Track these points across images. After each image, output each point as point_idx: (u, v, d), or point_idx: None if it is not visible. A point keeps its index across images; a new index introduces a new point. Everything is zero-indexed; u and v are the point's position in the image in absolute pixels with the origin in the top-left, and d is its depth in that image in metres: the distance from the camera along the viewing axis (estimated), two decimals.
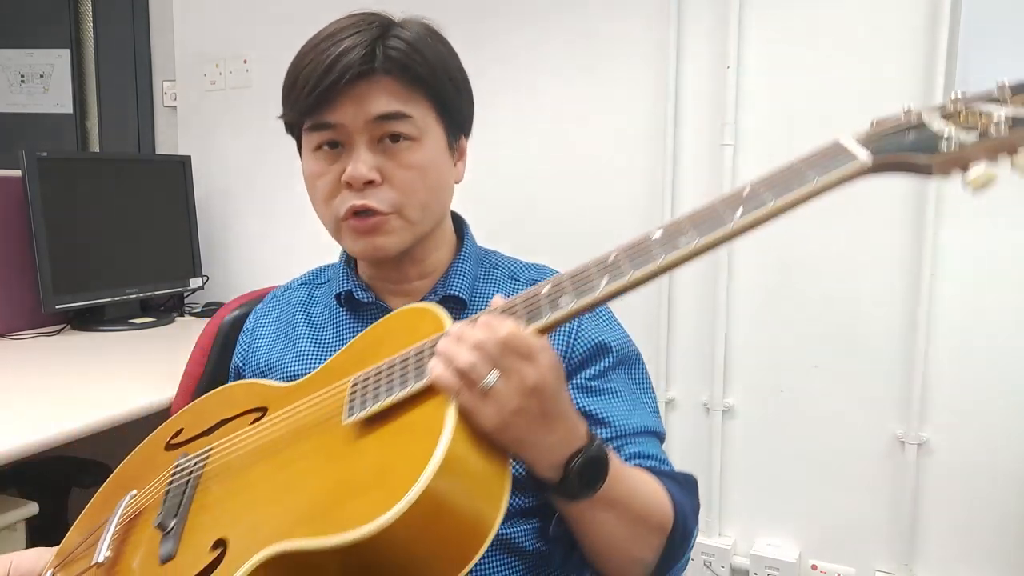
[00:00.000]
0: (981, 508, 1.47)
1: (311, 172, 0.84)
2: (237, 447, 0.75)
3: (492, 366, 0.60)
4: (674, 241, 0.60)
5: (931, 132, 0.57)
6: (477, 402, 0.60)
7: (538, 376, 0.60)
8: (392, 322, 0.77)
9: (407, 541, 0.55)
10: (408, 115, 0.80)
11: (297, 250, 2.14)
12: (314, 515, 0.60)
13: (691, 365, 1.70)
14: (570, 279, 0.64)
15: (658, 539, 0.75)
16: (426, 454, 0.57)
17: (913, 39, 1.43)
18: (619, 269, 0.61)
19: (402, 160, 0.81)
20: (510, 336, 0.60)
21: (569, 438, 0.64)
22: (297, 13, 2.04)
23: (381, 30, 0.80)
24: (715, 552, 1.68)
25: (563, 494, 0.66)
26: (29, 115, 2.47)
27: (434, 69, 0.82)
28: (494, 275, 0.91)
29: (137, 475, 0.83)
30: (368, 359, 0.72)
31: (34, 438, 1.12)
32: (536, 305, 0.63)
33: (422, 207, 0.83)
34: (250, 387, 0.87)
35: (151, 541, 0.70)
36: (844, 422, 1.56)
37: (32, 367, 1.58)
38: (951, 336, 1.46)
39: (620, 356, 0.86)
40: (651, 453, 0.82)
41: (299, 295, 0.98)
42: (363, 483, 0.60)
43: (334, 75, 0.77)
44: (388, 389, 0.65)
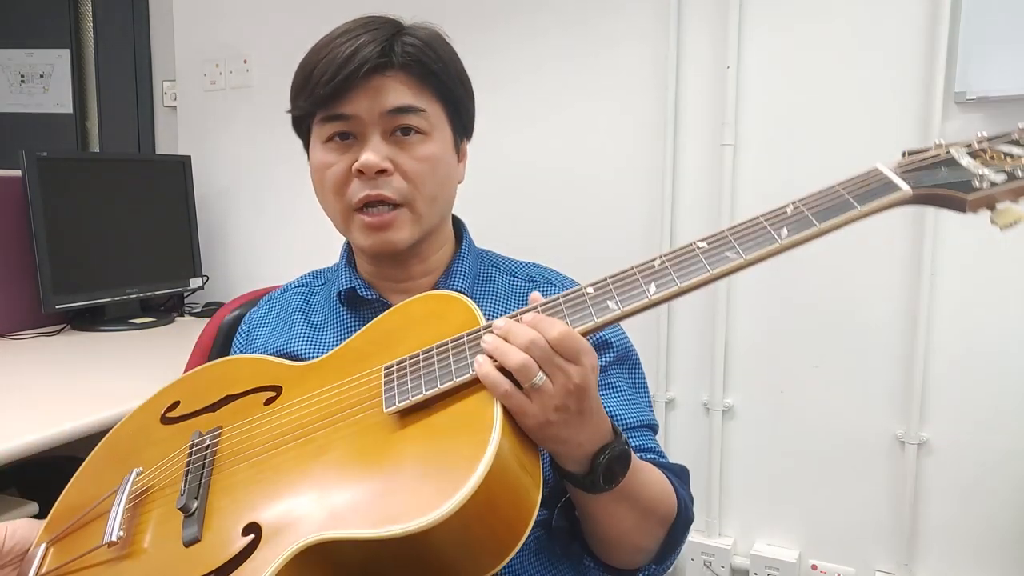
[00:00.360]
0: (981, 508, 1.47)
1: (321, 163, 0.84)
2: (258, 429, 0.73)
3: (541, 367, 0.61)
4: (722, 253, 0.63)
5: (963, 169, 0.62)
6: (523, 400, 0.62)
7: (582, 377, 0.62)
8: (414, 309, 0.77)
9: (459, 532, 0.57)
10: (421, 109, 0.82)
11: (297, 250, 2.14)
12: (360, 504, 0.60)
13: (691, 365, 1.70)
14: (614, 283, 0.65)
15: (663, 529, 0.78)
16: (478, 450, 0.58)
17: (913, 39, 1.43)
18: (666, 277, 0.63)
19: (413, 152, 0.83)
20: (562, 337, 0.61)
21: (598, 434, 0.66)
22: (297, 13, 2.04)
23: (395, 29, 0.83)
24: (715, 552, 1.68)
25: (586, 487, 0.68)
26: (29, 115, 2.47)
27: (447, 67, 0.85)
28: (493, 273, 0.93)
29: (134, 449, 0.81)
30: (395, 346, 0.72)
31: (34, 438, 1.12)
32: (582, 306, 0.65)
33: (431, 199, 0.85)
34: (255, 363, 0.84)
35: (169, 522, 0.69)
36: (844, 422, 1.56)
37: (32, 367, 1.58)
38: (951, 336, 1.46)
39: (619, 353, 0.89)
40: (650, 446, 0.86)
41: (296, 297, 0.98)
42: (413, 476, 0.60)
43: (352, 66, 0.79)
44: (430, 380, 0.65)
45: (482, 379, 0.62)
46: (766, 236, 0.62)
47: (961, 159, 0.63)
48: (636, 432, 0.85)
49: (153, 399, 0.87)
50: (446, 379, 0.64)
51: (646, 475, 0.75)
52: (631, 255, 1.88)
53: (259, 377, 0.81)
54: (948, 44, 1.39)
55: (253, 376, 0.81)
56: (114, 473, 0.78)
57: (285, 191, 2.10)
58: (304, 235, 2.08)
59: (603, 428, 0.67)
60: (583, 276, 0.86)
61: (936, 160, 0.64)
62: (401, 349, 0.71)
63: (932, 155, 0.65)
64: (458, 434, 0.61)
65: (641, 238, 1.70)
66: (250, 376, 0.81)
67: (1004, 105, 1.36)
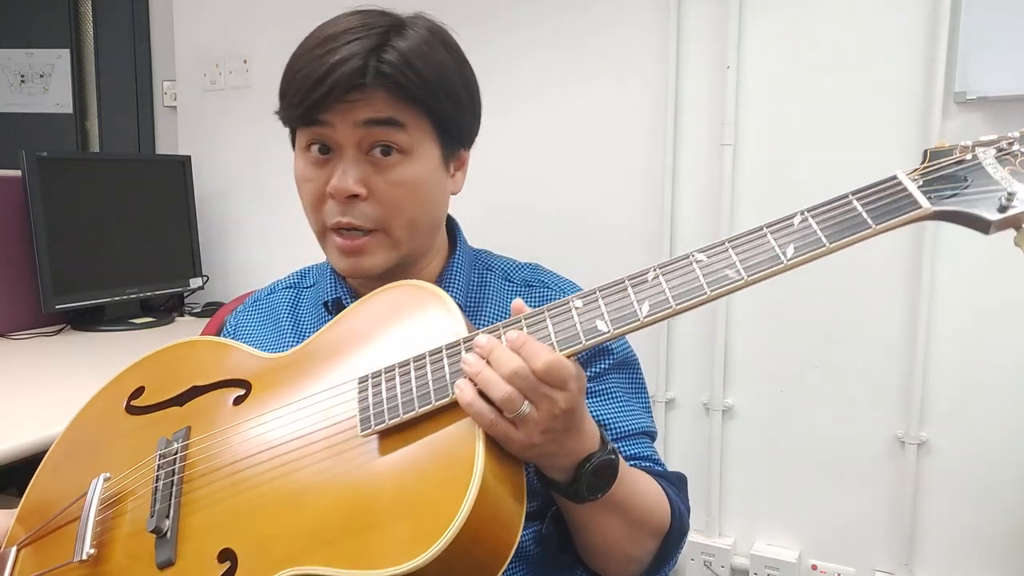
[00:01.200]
0: (981, 508, 1.47)
1: (300, 175, 0.82)
2: (230, 440, 0.71)
3: (526, 396, 0.59)
4: (721, 271, 0.58)
5: (989, 178, 0.56)
6: (508, 428, 0.59)
7: (569, 402, 0.60)
8: (390, 300, 0.72)
9: (440, 570, 0.55)
10: (400, 123, 0.77)
11: (297, 250, 2.13)
12: (332, 538, 0.59)
13: (691, 365, 1.69)
14: (604, 298, 0.61)
15: (655, 541, 0.76)
16: (458, 489, 0.56)
17: (913, 39, 1.43)
18: (663, 298, 0.59)
19: (390, 176, 0.78)
20: (548, 368, 0.58)
21: (585, 445, 0.64)
22: (297, 13, 2.04)
23: (379, 39, 0.76)
24: (715, 552, 1.68)
25: (571, 496, 0.66)
26: (29, 115, 2.47)
27: (429, 85, 0.77)
28: (488, 276, 0.90)
29: (100, 442, 0.79)
30: (369, 344, 0.69)
31: (34, 438, 1.12)
32: (570, 327, 0.61)
33: (409, 225, 0.80)
34: (220, 349, 0.81)
35: (140, 538, 0.68)
36: (844, 422, 1.56)
37: (32, 367, 1.58)
38: (951, 336, 1.46)
39: (619, 358, 0.86)
40: (646, 454, 0.83)
41: (284, 299, 0.95)
42: (389, 512, 0.58)
43: (324, 88, 0.75)
44: (407, 401, 0.62)
45: (465, 408, 0.59)
46: (773, 257, 0.58)
47: (988, 165, 0.56)
48: (632, 440, 0.83)
49: (115, 381, 0.84)
50: (424, 401, 0.61)
51: (637, 485, 0.73)
52: (631, 254, 1.88)
53: (227, 368, 0.78)
54: (948, 44, 1.39)
55: (220, 366, 0.78)
56: (81, 467, 0.77)
57: (285, 191, 2.08)
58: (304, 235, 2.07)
59: (590, 438, 0.65)
60: (584, 275, 0.85)
61: (960, 166, 0.58)
62: (375, 349, 0.68)
63: (956, 159, 0.58)
64: (438, 466, 0.59)
65: (641, 238, 1.69)
66: (217, 366, 0.79)
67: (1004, 105, 1.36)
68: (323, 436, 0.66)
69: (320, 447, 0.65)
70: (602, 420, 0.82)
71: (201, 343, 0.84)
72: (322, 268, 0.95)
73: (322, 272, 0.94)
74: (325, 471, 0.63)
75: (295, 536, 0.61)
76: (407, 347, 0.66)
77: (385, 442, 0.62)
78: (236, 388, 0.76)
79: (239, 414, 0.73)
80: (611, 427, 0.82)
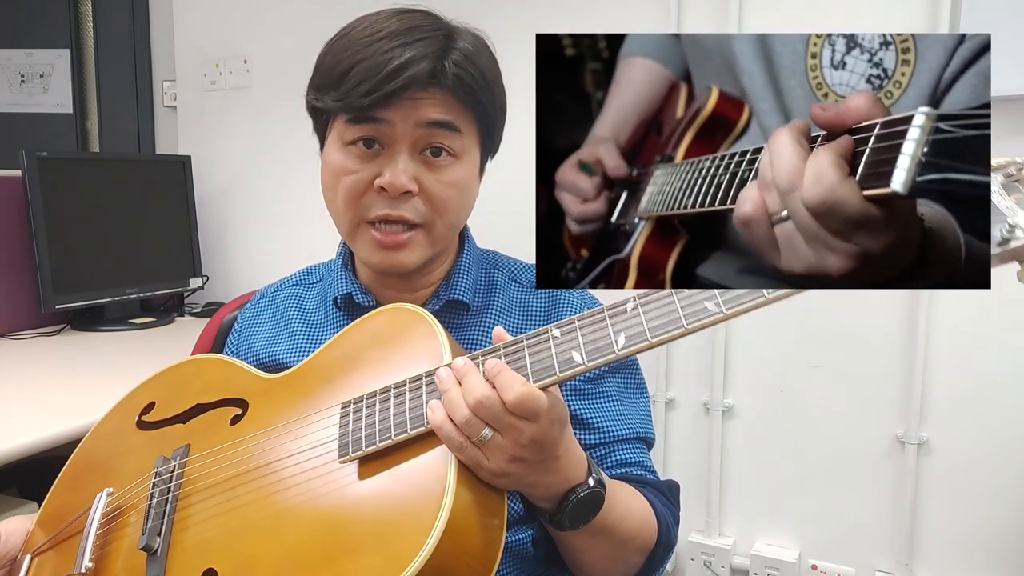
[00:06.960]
0: (981, 508, 1.47)
1: (339, 167, 0.79)
2: (223, 460, 0.73)
3: (489, 424, 0.59)
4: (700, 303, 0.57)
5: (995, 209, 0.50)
6: (476, 453, 0.60)
7: (536, 432, 0.60)
8: (381, 323, 0.74)
9: None
10: (458, 129, 0.78)
11: (297, 250, 2.14)
12: (311, 563, 0.60)
13: (691, 365, 1.70)
14: (581, 328, 0.61)
15: (641, 556, 0.77)
16: (427, 520, 0.57)
17: None
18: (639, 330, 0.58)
19: (442, 176, 0.78)
20: (519, 400, 0.58)
21: (567, 477, 0.65)
22: (297, 13, 2.04)
23: (446, 42, 0.77)
24: (715, 552, 1.68)
25: (555, 525, 0.67)
26: (29, 115, 2.47)
27: (491, 90, 0.80)
28: (495, 276, 0.90)
29: (110, 456, 0.81)
30: (359, 369, 0.71)
31: (34, 438, 1.12)
32: (546, 358, 0.61)
33: (451, 226, 0.82)
34: (226, 368, 0.83)
35: (135, 556, 0.70)
36: (844, 422, 1.56)
37: (32, 367, 1.58)
38: (951, 336, 1.46)
39: (618, 361, 0.85)
40: (637, 460, 0.83)
41: (291, 296, 0.95)
42: (361, 538, 0.59)
43: (398, 83, 0.73)
44: (384, 429, 0.64)
45: (435, 430, 0.60)
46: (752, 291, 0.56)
47: (994, 192, 0.51)
48: (626, 445, 0.83)
49: (131, 395, 0.86)
50: (400, 430, 0.63)
51: (624, 506, 0.73)
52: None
53: (228, 387, 0.80)
54: None
55: (224, 385, 0.80)
56: (92, 480, 0.79)
57: (285, 191, 2.10)
58: (304, 235, 2.07)
59: (574, 469, 0.65)
60: None
61: None
62: (364, 375, 0.70)
63: None
64: (411, 495, 0.60)
65: None
66: (221, 384, 0.81)
67: (1004, 105, 1.36)
68: (307, 459, 0.67)
69: (303, 470, 0.67)
70: (597, 423, 0.82)
71: (208, 361, 0.86)
72: (328, 265, 0.95)
73: (328, 269, 0.94)
74: (306, 494, 0.65)
75: (276, 559, 0.62)
76: (394, 373, 0.68)
77: (364, 468, 0.64)
78: (234, 407, 0.77)
79: (236, 433, 0.74)
80: (604, 431, 0.82)
